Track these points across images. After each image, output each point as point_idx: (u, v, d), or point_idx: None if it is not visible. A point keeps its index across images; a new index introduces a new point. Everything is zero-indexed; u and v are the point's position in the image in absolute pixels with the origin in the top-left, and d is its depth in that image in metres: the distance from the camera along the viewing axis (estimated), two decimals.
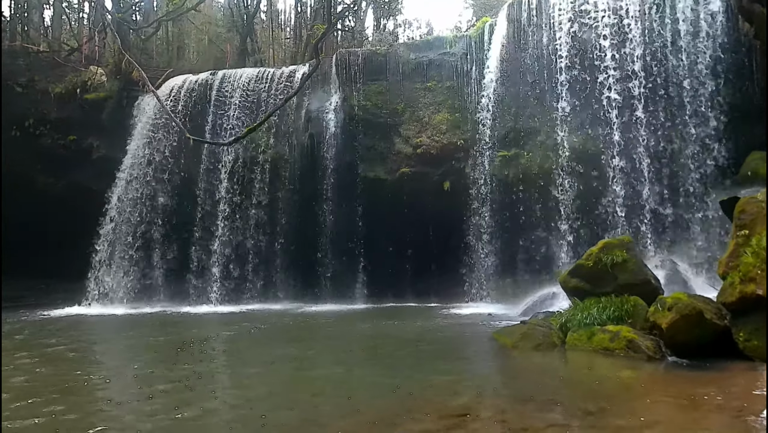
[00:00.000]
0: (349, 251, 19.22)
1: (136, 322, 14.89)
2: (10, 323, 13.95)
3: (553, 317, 10.84)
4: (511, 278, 17.51)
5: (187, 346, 10.11)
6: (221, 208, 19.33)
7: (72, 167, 20.45)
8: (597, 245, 10.95)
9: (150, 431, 5.34)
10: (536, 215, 17.25)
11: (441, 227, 18.03)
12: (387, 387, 6.92)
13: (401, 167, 18.91)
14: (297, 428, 5.28)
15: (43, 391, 6.91)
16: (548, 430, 5.14)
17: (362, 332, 12.51)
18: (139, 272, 19.04)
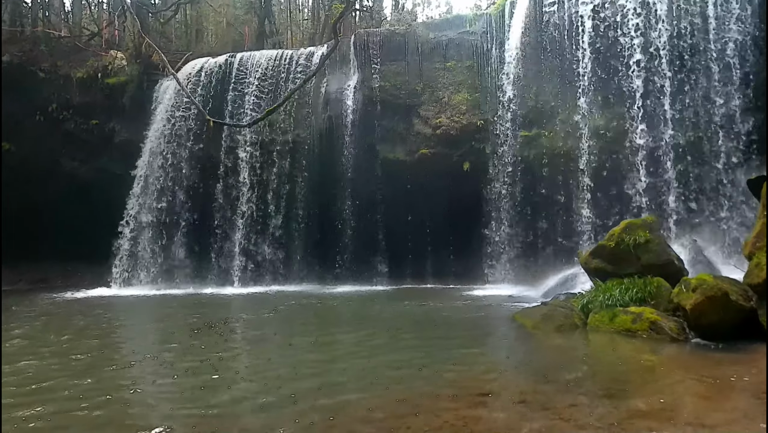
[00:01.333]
0: (368, 233, 19.25)
1: (161, 303, 15.17)
2: (38, 305, 14.32)
3: (575, 298, 10.77)
4: (531, 260, 17.39)
5: (210, 326, 10.28)
6: (241, 190, 19.47)
7: (95, 151, 20.73)
8: (620, 225, 10.82)
9: (173, 409, 5.45)
10: (557, 196, 17.06)
11: (461, 209, 17.91)
12: (409, 367, 6.96)
13: (421, 148, 18.80)
14: (324, 405, 5.34)
15: (68, 369, 7.09)
16: (569, 410, 5.13)
17: (383, 313, 12.57)
18: (162, 254, 19.34)
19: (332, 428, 4.73)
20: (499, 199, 17.85)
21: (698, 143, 15.48)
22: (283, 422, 4.95)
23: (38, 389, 6.11)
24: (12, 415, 5.21)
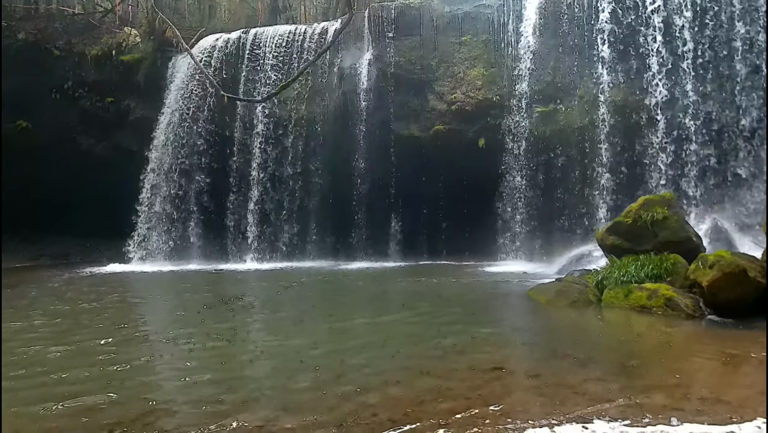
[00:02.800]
0: (382, 209, 19.23)
1: (176, 279, 15.38)
2: (57, 280, 14.60)
3: (589, 274, 10.70)
4: (546, 237, 17.28)
5: (226, 301, 10.41)
6: (255, 167, 19.52)
7: (111, 129, 20.86)
8: (637, 201, 10.68)
9: (189, 379, 5.55)
10: (574, 172, 16.86)
11: (476, 185, 17.80)
12: (422, 341, 7.00)
13: (435, 124, 18.62)
14: (338, 375, 5.41)
15: (89, 342, 7.24)
16: (583, 385, 5.14)
17: (396, 289, 12.63)
18: (178, 230, 19.53)
19: (344, 397, 4.79)
20: (515, 176, 17.69)
21: (720, 119, 15.15)
22: (297, 393, 5.02)
23: (58, 361, 6.26)
24: (35, 380, 5.35)
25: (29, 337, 7.58)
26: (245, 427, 4.22)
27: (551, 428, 4.10)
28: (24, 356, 6.52)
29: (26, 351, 6.74)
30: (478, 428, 4.08)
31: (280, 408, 4.62)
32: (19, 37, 19.89)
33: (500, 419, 4.27)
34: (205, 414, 4.50)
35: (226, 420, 4.35)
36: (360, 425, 4.20)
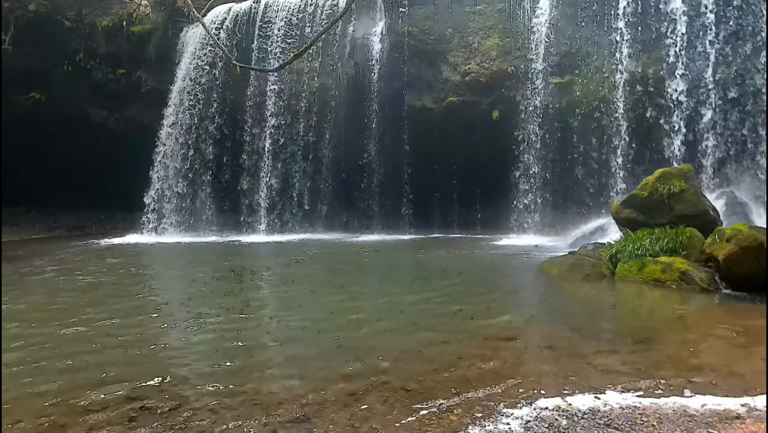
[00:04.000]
0: (395, 182, 19.16)
1: (189, 250, 15.52)
2: (74, 252, 14.79)
3: (603, 248, 10.64)
4: (559, 210, 17.16)
5: (238, 273, 10.50)
6: (268, 138, 19.47)
7: (123, 101, 20.83)
8: (654, 174, 10.52)
9: (204, 348, 5.63)
10: (589, 145, 16.61)
11: (489, 157, 17.62)
12: (434, 312, 7.03)
13: (449, 96, 18.37)
14: (350, 344, 5.46)
15: (104, 312, 7.35)
16: (596, 356, 5.14)
17: (409, 261, 12.65)
18: (191, 202, 19.64)
19: (356, 366, 4.83)
20: (529, 149, 17.48)
21: (740, 92, 14.78)
22: (310, 362, 5.07)
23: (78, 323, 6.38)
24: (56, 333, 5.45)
25: (45, 309, 7.72)
26: (259, 394, 4.28)
27: (563, 397, 4.11)
28: (41, 328, 6.65)
29: (43, 324, 6.87)
30: (491, 397, 4.10)
31: (294, 376, 4.68)
32: (30, 8, 19.79)
33: (512, 388, 4.28)
34: (221, 382, 4.56)
35: (241, 387, 4.41)
36: (372, 393, 4.23)
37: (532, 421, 3.70)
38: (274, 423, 3.73)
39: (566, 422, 3.69)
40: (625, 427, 3.61)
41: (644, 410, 3.91)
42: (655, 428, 3.60)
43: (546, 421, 3.70)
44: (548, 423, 3.66)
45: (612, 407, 3.95)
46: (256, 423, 3.73)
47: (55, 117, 19.94)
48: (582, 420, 3.71)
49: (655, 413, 3.86)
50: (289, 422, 3.75)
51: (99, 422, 3.78)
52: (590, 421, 3.70)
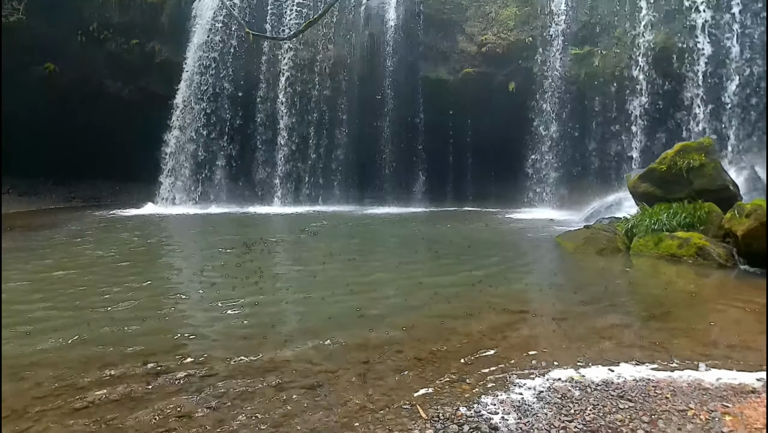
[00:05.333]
0: (408, 154, 19.07)
1: (204, 220, 15.62)
2: (89, 222, 14.97)
3: (619, 222, 10.53)
4: (575, 185, 16.99)
5: (253, 243, 10.56)
6: (282, 109, 19.39)
7: (137, 72, 20.79)
8: (673, 147, 10.33)
9: (218, 315, 5.69)
10: (608, 118, 16.35)
11: (505, 130, 17.43)
12: (447, 284, 7.03)
13: (465, 67, 18.10)
14: (363, 314, 5.49)
15: (119, 280, 7.45)
16: (610, 330, 5.11)
17: (422, 233, 12.63)
18: (205, 173, 19.72)
19: (369, 335, 4.86)
20: (545, 122, 17.24)
21: (765, 66, 14.36)
22: (324, 330, 5.11)
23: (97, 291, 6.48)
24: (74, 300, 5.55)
25: (61, 274, 7.84)
26: (274, 360, 4.33)
27: (576, 369, 4.10)
28: (59, 292, 6.76)
29: (59, 288, 6.98)
30: (503, 368, 4.11)
31: (307, 344, 4.71)
32: None
33: (525, 360, 4.28)
34: (235, 349, 4.62)
35: (255, 354, 4.46)
36: (385, 362, 4.26)
37: (545, 391, 3.70)
38: (288, 388, 3.78)
39: (579, 393, 3.68)
40: (638, 399, 3.60)
41: (658, 382, 3.89)
42: (668, 401, 3.59)
43: (559, 391, 3.70)
44: (561, 394, 3.66)
45: (625, 379, 3.94)
46: (270, 388, 3.78)
47: (70, 88, 19.98)
48: (595, 391, 3.71)
49: (669, 385, 3.84)
50: (302, 387, 3.79)
51: (117, 385, 3.85)
52: (603, 392, 3.70)
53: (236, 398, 3.64)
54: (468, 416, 3.33)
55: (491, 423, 3.23)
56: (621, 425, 3.25)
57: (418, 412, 3.39)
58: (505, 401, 3.56)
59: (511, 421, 3.28)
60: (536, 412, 3.40)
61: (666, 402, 3.57)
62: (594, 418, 3.32)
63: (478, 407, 3.45)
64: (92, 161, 20.64)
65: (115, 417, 3.39)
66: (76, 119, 20.26)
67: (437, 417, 3.31)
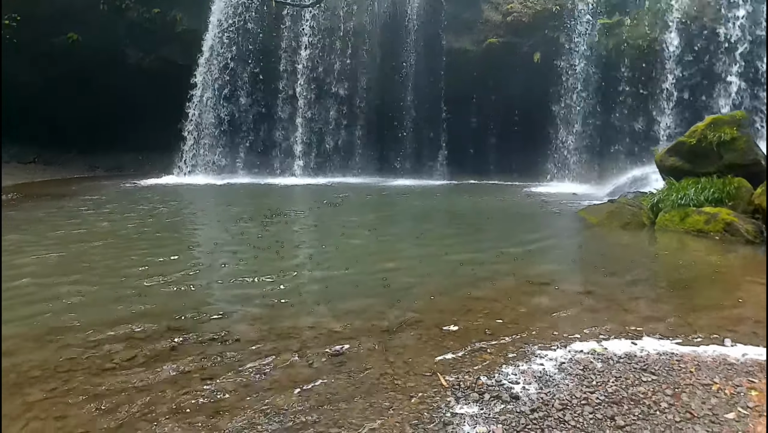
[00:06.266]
0: (430, 126, 18.86)
1: (224, 191, 15.73)
2: (114, 192, 15.18)
3: (644, 197, 10.34)
4: (600, 158, 16.69)
5: (273, 214, 10.62)
6: (302, 80, 19.25)
7: (158, 41, 20.75)
8: (704, 120, 10.03)
9: (240, 285, 5.75)
10: (636, 91, 15.91)
11: (528, 102, 17.10)
12: (469, 256, 6.99)
13: (489, 37, 17.71)
14: (384, 284, 5.50)
15: (142, 249, 7.57)
16: (633, 303, 5.06)
17: (444, 205, 12.57)
18: (226, 144, 19.78)
19: (390, 305, 4.87)
20: (571, 94, 16.86)
21: None
22: (345, 299, 5.14)
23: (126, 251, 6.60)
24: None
25: (86, 242, 7.98)
26: (296, 328, 4.37)
27: (599, 342, 4.07)
28: (84, 259, 6.89)
29: (84, 256, 7.11)
30: (524, 339, 4.09)
31: (329, 313, 4.75)
32: None
33: (546, 331, 4.26)
34: (257, 317, 4.67)
35: (278, 322, 4.51)
36: (406, 331, 4.27)
37: (566, 363, 3.68)
38: (310, 354, 3.81)
39: (601, 365, 3.66)
40: (662, 372, 3.57)
41: (682, 357, 3.84)
42: (693, 375, 3.55)
43: (581, 363, 3.67)
44: (583, 366, 3.64)
45: (649, 352, 3.90)
46: (292, 354, 3.82)
47: (92, 57, 20.04)
48: (617, 364, 3.68)
49: (694, 360, 3.79)
50: (323, 354, 3.82)
51: (143, 348, 3.93)
52: (626, 365, 3.67)
53: (259, 363, 3.69)
54: (489, 385, 3.33)
55: (512, 392, 3.23)
56: (644, 397, 3.22)
57: (438, 380, 3.40)
58: (527, 371, 3.55)
59: (532, 391, 3.27)
60: (558, 382, 3.39)
61: (690, 376, 3.53)
62: (616, 390, 3.30)
63: (499, 377, 3.45)
64: (114, 132, 20.81)
65: (141, 378, 3.47)
66: (98, 89, 20.37)
67: (458, 385, 3.32)
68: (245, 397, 3.21)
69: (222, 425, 2.89)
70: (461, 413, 2.99)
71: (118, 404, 3.14)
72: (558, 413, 3.00)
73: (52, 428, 2.90)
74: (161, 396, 3.23)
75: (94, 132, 20.74)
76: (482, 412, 3.01)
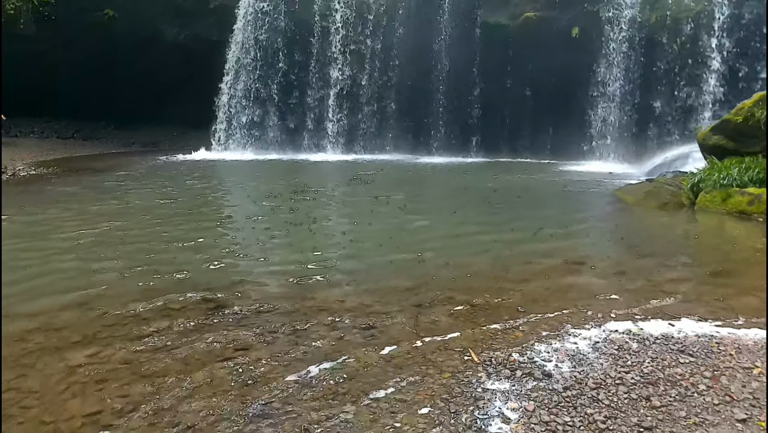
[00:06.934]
0: (463, 103, 18.58)
1: (257, 166, 15.89)
2: (149, 167, 15.47)
3: (684, 177, 10.01)
4: (638, 137, 16.21)
5: (306, 189, 10.67)
6: (335, 55, 19.13)
7: (193, 18, 20.86)
8: (752, 97, 9.60)
9: (272, 257, 5.81)
10: (678, 67, 15.32)
11: (565, 79, 16.65)
12: (502, 233, 6.90)
13: (525, 11, 17.25)
14: (417, 260, 5.50)
15: (177, 222, 7.70)
16: (670, 284, 4.92)
17: (476, 183, 12.42)
18: (258, 120, 19.89)
19: (421, 280, 4.85)
20: (610, 70, 16.34)
21: None
22: (377, 274, 5.15)
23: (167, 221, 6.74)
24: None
25: (123, 215, 8.17)
26: (327, 301, 4.40)
27: (635, 322, 3.98)
28: (122, 231, 7.05)
29: (122, 228, 7.28)
30: (558, 318, 4.03)
31: (361, 287, 4.76)
32: None
33: (581, 310, 4.19)
34: (291, 290, 4.72)
35: (310, 295, 4.55)
36: (437, 306, 4.26)
37: (600, 342, 3.62)
38: (342, 328, 3.84)
39: (637, 345, 3.58)
40: (700, 354, 3.47)
41: (722, 339, 3.73)
42: (733, 358, 3.44)
43: (615, 343, 3.60)
44: (618, 345, 3.57)
45: (687, 334, 3.80)
46: (324, 327, 3.85)
47: (128, 34, 20.29)
48: (654, 345, 3.59)
49: (734, 343, 3.68)
50: (355, 327, 3.84)
51: (179, 317, 4.01)
52: (663, 346, 3.58)
53: (291, 334, 3.74)
54: (521, 362, 3.30)
55: (544, 370, 3.19)
56: (681, 378, 3.14)
57: (470, 355, 3.38)
58: (559, 349, 3.50)
59: (564, 369, 3.23)
60: (591, 361, 3.33)
61: (730, 359, 3.43)
62: (652, 370, 3.23)
63: (531, 354, 3.41)
64: (150, 107, 21.16)
65: (177, 346, 3.55)
66: (134, 65, 20.67)
67: (489, 362, 3.30)
68: (277, 368, 3.25)
69: (254, 394, 2.94)
70: (492, 389, 2.98)
71: (154, 370, 3.23)
72: (591, 392, 2.96)
73: (92, 391, 3.00)
74: (195, 364, 3.30)
75: (131, 108, 21.12)
76: (514, 388, 2.99)
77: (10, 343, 3.60)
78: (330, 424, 2.65)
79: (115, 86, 20.63)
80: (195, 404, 2.84)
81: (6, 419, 2.74)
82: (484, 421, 2.67)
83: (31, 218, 7.86)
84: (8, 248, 5.96)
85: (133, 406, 2.84)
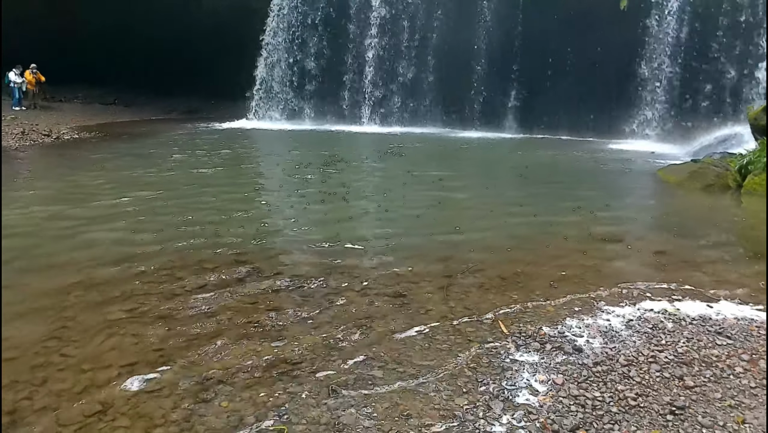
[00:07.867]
0: (501, 77, 18.14)
1: (293, 136, 15.94)
2: (187, 133, 15.71)
3: (732, 158, 9.62)
4: (683, 117, 15.62)
5: (341, 160, 10.68)
6: (372, 27, 18.90)
7: None
8: None
9: (303, 226, 5.86)
10: (731, 43, 14.61)
11: (610, 55, 16.03)
12: (539, 210, 6.79)
13: None
14: (449, 232, 5.46)
15: (213, 188, 7.82)
16: (711, 266, 4.77)
17: (513, 159, 12.22)
18: (295, 90, 19.90)
19: (454, 253, 4.82)
20: (658, 46, 15.68)
21: None
22: (407, 245, 5.14)
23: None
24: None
25: (160, 183, 8.33)
26: (358, 268, 4.43)
27: (671, 302, 3.88)
28: (158, 199, 7.20)
29: (161, 191, 7.43)
30: (592, 295, 3.96)
31: (392, 256, 4.76)
32: None
33: (615, 288, 4.10)
34: (322, 255, 4.76)
35: (342, 262, 4.57)
36: (468, 278, 4.23)
37: (634, 320, 3.54)
38: (372, 294, 3.86)
39: (672, 325, 3.49)
40: (738, 337, 3.36)
41: (762, 323, 3.61)
42: None
43: (650, 322, 3.52)
44: (652, 324, 3.49)
45: (725, 316, 3.68)
46: (354, 293, 3.87)
47: (167, 4, 20.30)
48: (690, 325, 3.50)
49: None
50: (386, 295, 3.85)
51: (212, 278, 4.10)
52: (699, 327, 3.48)
53: (322, 298, 3.77)
54: (551, 335, 3.26)
55: (575, 345, 3.15)
56: (717, 360, 3.06)
57: (499, 327, 3.36)
58: (591, 325, 3.44)
59: (596, 345, 3.17)
60: (624, 339, 3.27)
61: None
62: (687, 351, 3.15)
63: (562, 329, 3.36)
64: (189, 76, 21.32)
65: (210, 305, 3.62)
66: (175, 33, 20.78)
67: (519, 334, 3.27)
68: (307, 329, 3.30)
69: (282, 354, 2.98)
70: (521, 360, 2.95)
71: (187, 326, 3.31)
72: (622, 369, 2.90)
73: (129, 344, 3.10)
74: (227, 322, 3.37)
75: (171, 76, 21.33)
76: (543, 361, 2.96)
77: (53, 295, 3.74)
78: (356, 385, 2.67)
79: (154, 54, 20.80)
80: (225, 360, 2.91)
81: (47, 365, 2.86)
82: (512, 391, 2.66)
83: (74, 179, 8.10)
84: (54, 209, 6.17)
85: (166, 358, 2.92)
